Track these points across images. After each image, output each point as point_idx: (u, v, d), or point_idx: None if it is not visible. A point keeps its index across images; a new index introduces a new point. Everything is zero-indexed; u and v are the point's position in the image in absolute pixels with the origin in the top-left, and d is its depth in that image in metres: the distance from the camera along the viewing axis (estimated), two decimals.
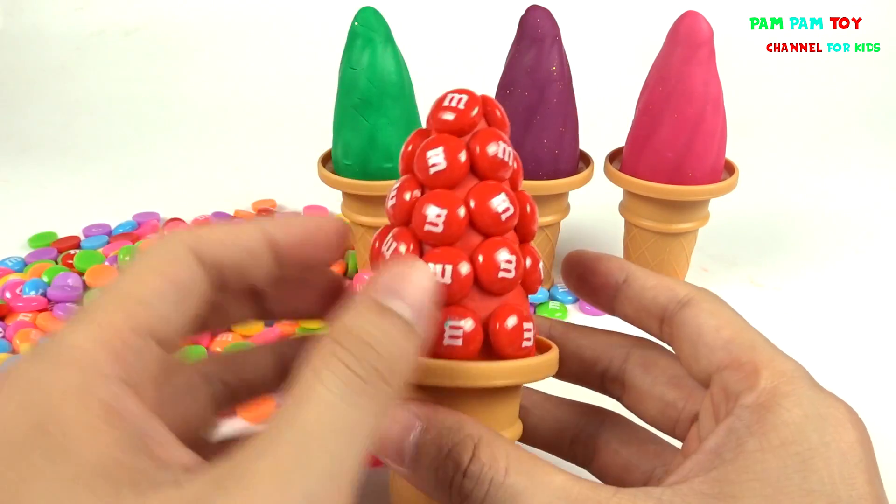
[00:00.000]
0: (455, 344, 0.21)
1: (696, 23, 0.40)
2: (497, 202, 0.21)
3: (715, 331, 0.22)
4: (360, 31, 0.40)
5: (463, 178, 0.21)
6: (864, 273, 0.51)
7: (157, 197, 0.61)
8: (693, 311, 0.23)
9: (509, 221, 0.22)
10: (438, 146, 0.21)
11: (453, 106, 0.22)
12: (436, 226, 0.21)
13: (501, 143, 0.22)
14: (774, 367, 0.20)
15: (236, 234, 0.20)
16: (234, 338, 0.41)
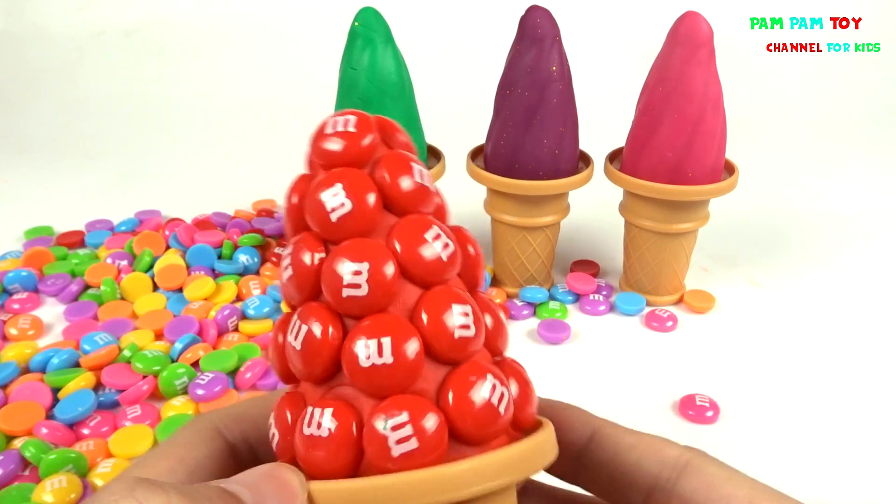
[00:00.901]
0: (408, 450, 0.15)
1: (696, 23, 0.40)
2: (432, 239, 0.16)
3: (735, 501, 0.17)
4: (360, 31, 0.40)
5: (377, 218, 0.16)
6: (863, 273, 0.51)
7: (158, 197, 0.61)
8: (696, 479, 0.18)
9: (452, 262, 0.17)
10: (335, 184, 0.16)
11: (340, 131, 0.17)
12: (357, 287, 0.15)
13: (416, 165, 0.17)
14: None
15: (268, 404, 0.19)
16: (240, 338, 0.41)
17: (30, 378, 0.37)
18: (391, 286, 0.16)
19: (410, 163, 0.17)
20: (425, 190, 0.17)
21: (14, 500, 0.30)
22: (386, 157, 0.17)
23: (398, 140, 0.18)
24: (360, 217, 0.16)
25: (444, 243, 0.16)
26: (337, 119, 0.17)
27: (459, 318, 0.16)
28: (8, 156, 0.72)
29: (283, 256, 0.17)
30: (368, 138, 0.17)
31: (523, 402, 0.17)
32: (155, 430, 0.34)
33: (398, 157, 0.17)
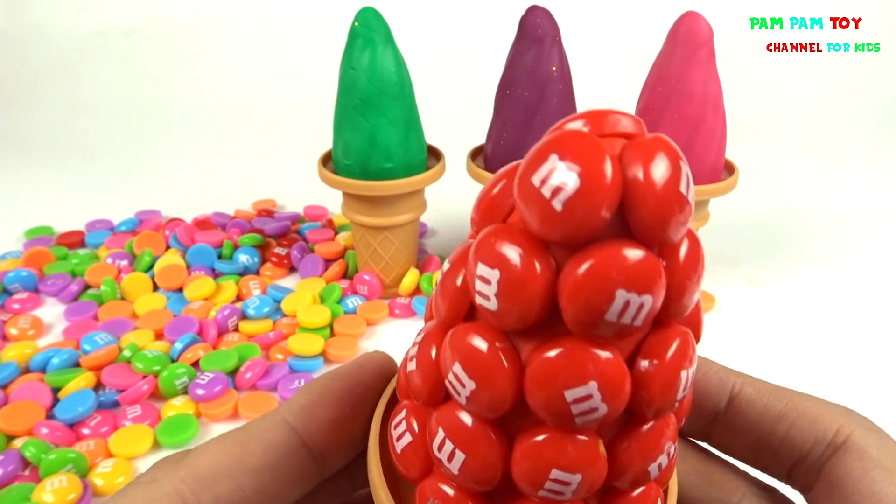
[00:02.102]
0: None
1: (696, 23, 0.40)
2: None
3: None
4: (360, 32, 0.40)
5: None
6: (863, 273, 0.51)
7: (158, 197, 0.61)
8: (851, 462, 0.15)
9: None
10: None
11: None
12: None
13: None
14: None
15: (243, 457, 0.15)
16: (241, 338, 0.41)
17: (30, 378, 0.37)
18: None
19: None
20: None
21: (14, 500, 0.30)
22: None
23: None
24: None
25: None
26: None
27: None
28: (8, 156, 0.72)
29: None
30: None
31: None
32: (155, 430, 0.34)
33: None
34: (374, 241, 0.45)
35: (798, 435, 0.16)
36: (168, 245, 0.51)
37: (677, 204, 0.12)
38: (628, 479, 0.14)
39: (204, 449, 0.16)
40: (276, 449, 0.16)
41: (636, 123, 0.13)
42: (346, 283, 0.47)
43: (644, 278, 0.12)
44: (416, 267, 0.48)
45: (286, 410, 0.17)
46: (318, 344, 0.40)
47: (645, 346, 0.13)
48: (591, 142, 0.12)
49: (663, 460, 0.14)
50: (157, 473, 0.15)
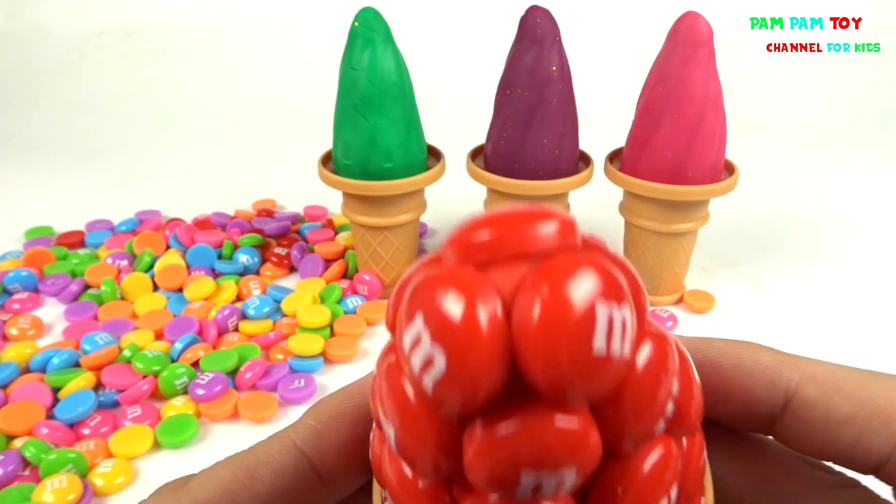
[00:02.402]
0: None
1: (696, 23, 0.40)
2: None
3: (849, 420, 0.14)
4: (360, 32, 0.40)
5: None
6: (863, 273, 0.51)
7: (158, 197, 0.61)
8: (813, 398, 0.15)
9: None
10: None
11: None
12: None
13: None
14: None
15: (250, 479, 0.15)
16: (240, 338, 0.41)
17: (30, 378, 0.37)
18: None
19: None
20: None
21: (14, 500, 0.30)
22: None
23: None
24: None
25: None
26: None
27: None
28: (8, 156, 0.72)
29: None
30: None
31: None
32: (155, 430, 0.34)
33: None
34: (374, 241, 0.45)
35: (872, 441, 0.14)
36: (168, 245, 0.51)
37: (579, 365, 0.09)
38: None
39: (207, 474, 0.15)
40: (284, 473, 0.15)
41: (561, 232, 0.10)
42: (346, 283, 0.47)
43: (552, 454, 0.10)
44: None
45: (294, 432, 0.15)
46: (318, 344, 0.40)
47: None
48: (462, 301, 0.09)
49: (673, 493, 0.12)
50: (159, 501, 0.15)
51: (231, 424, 0.36)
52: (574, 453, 0.10)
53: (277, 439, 0.15)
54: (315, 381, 0.38)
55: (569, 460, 0.10)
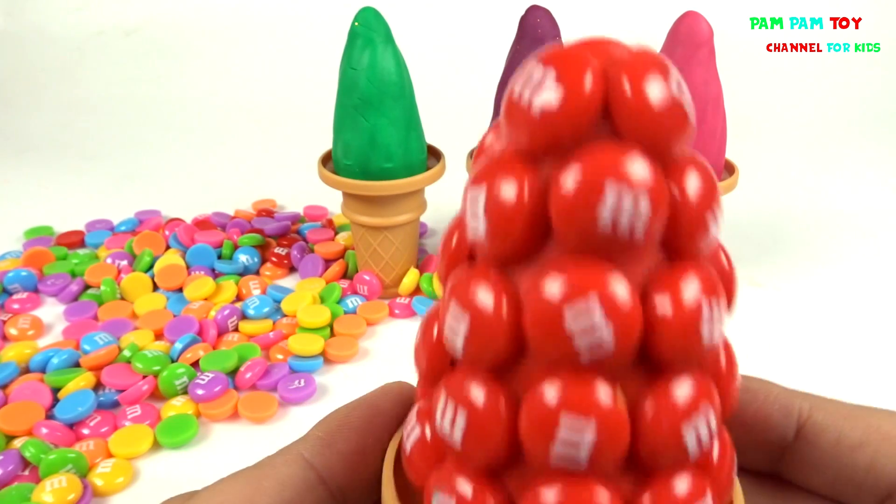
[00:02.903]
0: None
1: (696, 23, 0.40)
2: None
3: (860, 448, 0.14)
4: (360, 31, 0.40)
5: None
6: (863, 273, 0.51)
7: (158, 197, 0.61)
8: (824, 423, 0.15)
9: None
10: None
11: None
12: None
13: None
14: None
15: (254, 499, 0.14)
16: (240, 338, 0.41)
17: (30, 378, 0.37)
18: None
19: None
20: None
21: (14, 500, 0.30)
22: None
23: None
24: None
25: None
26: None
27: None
28: (8, 156, 0.72)
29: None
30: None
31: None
32: (155, 430, 0.34)
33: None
34: (374, 241, 0.45)
35: (885, 464, 0.14)
36: (168, 245, 0.51)
37: (668, 108, 0.11)
38: (658, 447, 0.12)
39: (213, 490, 0.15)
40: (292, 486, 0.14)
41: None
42: (346, 283, 0.47)
43: (636, 173, 0.11)
44: (416, 267, 0.48)
45: (301, 445, 0.15)
46: (318, 344, 0.40)
47: (656, 278, 0.12)
48: (576, 52, 0.11)
49: (702, 429, 0.12)
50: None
51: (231, 424, 0.36)
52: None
53: (284, 451, 0.15)
54: (315, 381, 0.38)
55: (645, 185, 0.11)
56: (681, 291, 0.11)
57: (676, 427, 0.12)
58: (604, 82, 0.11)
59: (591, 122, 0.11)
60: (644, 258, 0.12)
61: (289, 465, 0.15)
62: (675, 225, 0.12)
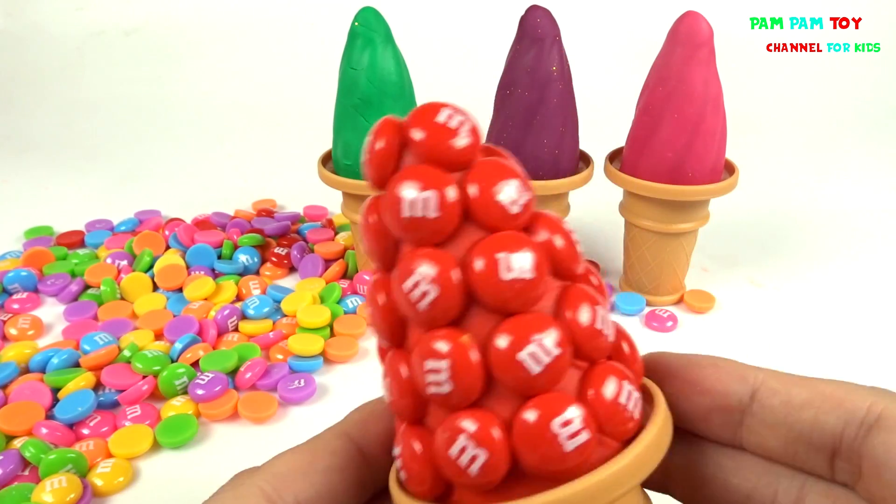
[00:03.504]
0: (581, 443, 0.14)
1: (696, 23, 0.40)
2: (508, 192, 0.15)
3: None
4: (360, 31, 0.40)
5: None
6: (863, 273, 0.51)
7: (158, 197, 0.61)
8: (891, 436, 0.15)
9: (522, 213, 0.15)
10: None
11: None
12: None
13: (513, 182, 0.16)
14: None
15: (314, 459, 0.17)
16: (240, 338, 0.41)
17: (30, 378, 0.37)
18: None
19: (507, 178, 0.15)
20: (507, 213, 0.15)
21: (14, 500, 0.30)
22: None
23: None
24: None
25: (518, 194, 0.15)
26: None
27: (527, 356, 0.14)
28: (8, 156, 0.72)
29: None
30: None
31: (607, 422, 0.15)
32: (155, 430, 0.34)
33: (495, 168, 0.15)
34: None
35: (826, 419, 0.16)
36: (168, 245, 0.51)
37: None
38: (501, 372, 0.14)
39: (277, 457, 0.18)
40: (340, 454, 0.18)
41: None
42: (346, 283, 0.47)
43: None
44: None
45: (344, 425, 0.18)
46: (318, 344, 0.40)
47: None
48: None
49: (537, 351, 0.14)
50: (238, 479, 0.17)
51: (231, 424, 0.36)
52: None
53: (332, 429, 0.18)
54: (315, 381, 0.38)
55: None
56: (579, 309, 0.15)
57: (511, 355, 0.14)
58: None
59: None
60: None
61: (337, 439, 0.18)
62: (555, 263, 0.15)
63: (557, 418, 0.14)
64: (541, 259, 0.15)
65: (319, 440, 0.18)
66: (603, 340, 0.15)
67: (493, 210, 0.15)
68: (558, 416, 0.14)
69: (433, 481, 0.15)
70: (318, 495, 0.17)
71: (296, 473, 0.17)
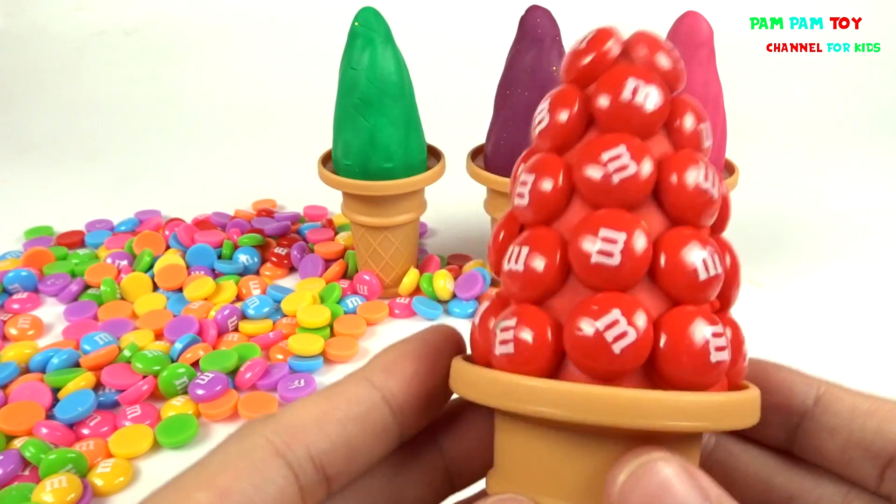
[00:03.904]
0: (721, 360, 0.14)
1: (696, 23, 0.40)
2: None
3: (873, 414, 0.17)
4: (360, 31, 0.40)
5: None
6: (863, 273, 0.51)
7: (158, 197, 0.61)
8: (839, 404, 0.17)
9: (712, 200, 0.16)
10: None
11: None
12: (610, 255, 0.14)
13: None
14: None
15: (334, 408, 0.16)
16: (240, 338, 0.41)
17: (30, 378, 0.37)
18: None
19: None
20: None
21: (14, 500, 0.30)
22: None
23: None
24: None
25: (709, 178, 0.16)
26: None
27: (699, 260, 0.15)
28: (8, 156, 0.72)
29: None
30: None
31: (736, 357, 0.16)
32: (155, 430, 0.34)
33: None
34: (374, 241, 0.45)
35: (890, 428, 0.16)
36: (168, 245, 0.51)
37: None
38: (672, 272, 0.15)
39: (290, 406, 0.16)
40: (359, 402, 0.16)
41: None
42: (346, 283, 0.47)
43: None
44: (416, 267, 0.48)
45: (366, 371, 0.17)
46: (318, 344, 0.40)
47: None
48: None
49: (708, 260, 0.15)
50: (247, 429, 0.16)
51: (231, 425, 0.36)
52: None
53: (351, 376, 0.17)
54: (315, 381, 0.38)
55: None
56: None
57: (685, 256, 0.15)
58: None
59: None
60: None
61: (357, 387, 0.17)
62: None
63: (713, 328, 0.14)
64: (720, 189, 0.16)
65: (337, 387, 0.17)
66: (736, 287, 0.17)
67: (695, 135, 0.17)
68: (714, 327, 0.14)
69: (551, 358, 0.15)
70: (333, 448, 0.16)
71: (310, 424, 0.16)
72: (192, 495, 0.14)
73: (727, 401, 0.14)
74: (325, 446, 0.16)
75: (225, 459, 0.15)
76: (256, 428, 0.16)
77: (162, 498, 0.14)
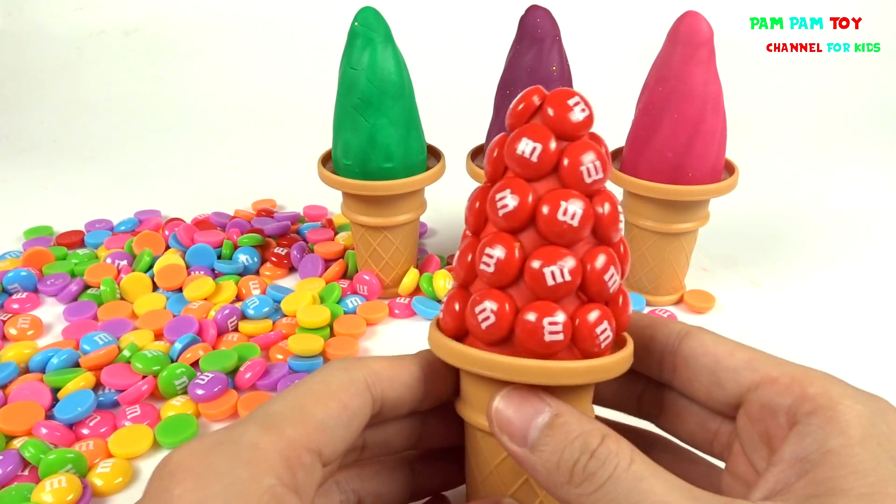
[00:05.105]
0: (555, 340, 0.21)
1: (696, 23, 0.40)
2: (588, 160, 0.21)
3: (730, 355, 0.22)
4: (360, 31, 0.40)
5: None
6: (864, 273, 0.51)
7: (157, 197, 0.61)
8: (696, 341, 0.23)
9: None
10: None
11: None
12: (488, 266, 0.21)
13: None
14: (811, 376, 0.21)
15: (400, 370, 0.23)
16: (240, 338, 0.41)
17: (29, 378, 0.37)
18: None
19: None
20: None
21: (14, 500, 0.30)
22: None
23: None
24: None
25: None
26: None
27: (548, 271, 0.21)
28: (8, 156, 0.72)
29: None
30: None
31: (587, 334, 0.21)
32: (154, 430, 0.34)
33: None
34: (373, 241, 0.45)
35: (657, 334, 0.24)
36: (168, 245, 0.51)
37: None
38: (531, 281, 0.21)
39: (373, 358, 0.23)
40: (417, 366, 0.24)
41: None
42: (345, 283, 0.47)
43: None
44: (416, 267, 0.48)
45: (421, 352, 0.24)
46: (318, 344, 0.40)
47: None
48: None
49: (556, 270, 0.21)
50: (349, 364, 0.23)
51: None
52: None
53: (413, 354, 0.24)
54: None
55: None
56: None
57: (540, 267, 0.21)
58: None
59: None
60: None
61: (413, 356, 0.24)
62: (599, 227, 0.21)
63: (548, 318, 0.20)
64: (588, 214, 0.21)
65: (403, 359, 0.24)
66: (604, 288, 0.21)
67: (574, 174, 0.21)
68: (549, 317, 0.20)
69: (458, 327, 0.22)
70: (399, 399, 0.23)
71: (387, 377, 0.23)
72: (326, 402, 0.21)
73: (554, 366, 0.21)
74: (394, 395, 0.23)
75: (340, 383, 0.22)
76: (356, 366, 0.22)
77: (307, 389, 0.21)
